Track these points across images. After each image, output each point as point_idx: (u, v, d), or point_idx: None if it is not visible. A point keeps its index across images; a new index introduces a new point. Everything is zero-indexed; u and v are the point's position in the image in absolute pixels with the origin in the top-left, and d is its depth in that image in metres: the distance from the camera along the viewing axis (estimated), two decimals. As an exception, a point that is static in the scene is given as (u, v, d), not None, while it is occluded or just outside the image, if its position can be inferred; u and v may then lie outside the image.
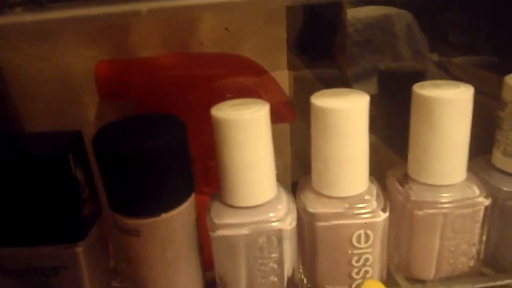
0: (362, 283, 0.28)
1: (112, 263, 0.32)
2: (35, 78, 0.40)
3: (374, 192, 0.28)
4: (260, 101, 0.27)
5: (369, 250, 0.28)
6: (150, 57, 0.40)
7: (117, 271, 0.32)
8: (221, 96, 0.37)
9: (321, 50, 0.45)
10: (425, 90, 0.27)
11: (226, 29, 0.41)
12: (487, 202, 0.28)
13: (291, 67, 0.44)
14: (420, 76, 0.38)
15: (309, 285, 0.31)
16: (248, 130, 0.26)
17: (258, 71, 0.39)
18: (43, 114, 0.41)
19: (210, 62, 0.40)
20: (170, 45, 0.41)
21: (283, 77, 0.43)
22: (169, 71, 0.39)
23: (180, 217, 0.28)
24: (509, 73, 0.29)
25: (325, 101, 0.26)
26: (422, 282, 0.30)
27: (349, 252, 0.28)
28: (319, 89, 0.28)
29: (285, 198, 0.29)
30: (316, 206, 0.28)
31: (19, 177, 0.26)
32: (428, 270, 0.29)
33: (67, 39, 0.39)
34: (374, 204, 0.28)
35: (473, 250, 0.29)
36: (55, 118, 0.41)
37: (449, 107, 0.26)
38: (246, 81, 0.39)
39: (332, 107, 0.26)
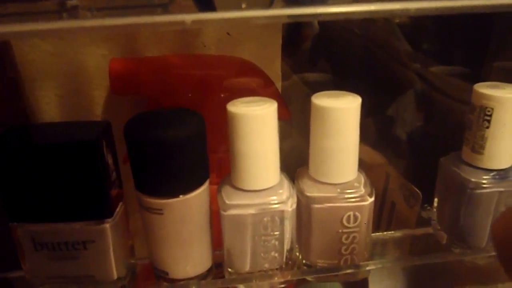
0: None
1: (131, 241, 0.36)
2: (48, 73, 0.43)
3: (362, 180, 0.33)
4: (268, 99, 0.32)
5: (357, 229, 0.33)
6: (160, 56, 0.44)
7: (133, 249, 0.36)
8: (226, 95, 0.41)
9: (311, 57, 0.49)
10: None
11: (228, 33, 0.45)
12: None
13: (284, 70, 0.48)
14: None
15: (304, 261, 0.35)
16: (258, 124, 0.30)
17: (257, 73, 0.44)
18: (55, 107, 0.44)
19: (214, 63, 0.44)
20: (176, 46, 0.44)
21: (276, 78, 0.47)
22: (178, 70, 0.43)
23: (196, 199, 0.32)
24: (478, 81, 0.34)
25: (324, 101, 0.31)
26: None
27: (340, 231, 0.33)
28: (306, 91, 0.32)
29: (286, 184, 0.33)
30: (312, 191, 0.33)
31: (58, 160, 0.30)
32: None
33: (80, 37, 0.42)
34: (362, 190, 0.33)
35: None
36: (67, 110, 0.44)
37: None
38: (247, 81, 0.44)
39: (330, 106, 0.30)
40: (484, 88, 0.33)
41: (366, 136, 0.42)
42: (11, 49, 0.40)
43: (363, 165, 0.34)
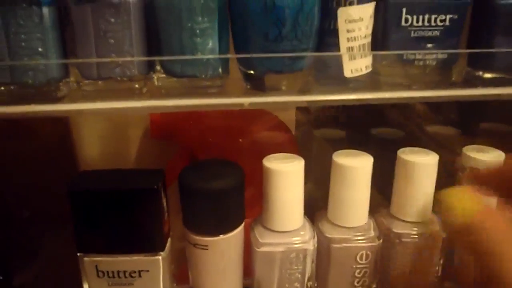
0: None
1: (173, 270, 0.42)
2: (92, 118, 0.50)
3: (372, 225, 0.40)
4: (297, 157, 0.38)
5: (367, 265, 0.39)
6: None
7: (174, 276, 0.42)
8: (250, 144, 0.48)
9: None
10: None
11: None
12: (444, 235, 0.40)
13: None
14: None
15: (321, 291, 0.42)
16: (288, 178, 0.37)
17: (280, 126, 0.51)
18: (97, 144, 0.51)
19: (240, 116, 0.51)
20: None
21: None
22: (209, 121, 0.50)
23: (234, 238, 0.38)
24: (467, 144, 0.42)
25: (343, 159, 0.38)
26: None
27: (354, 266, 0.39)
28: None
29: (308, 226, 0.40)
30: (332, 233, 0.39)
31: (123, 203, 0.36)
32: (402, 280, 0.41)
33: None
34: (372, 233, 0.39)
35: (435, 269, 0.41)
36: (107, 156, 0.51)
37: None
38: (270, 134, 0.50)
39: (349, 165, 0.37)
40: (472, 152, 0.40)
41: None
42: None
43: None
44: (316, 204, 0.43)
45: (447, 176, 0.42)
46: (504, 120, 0.49)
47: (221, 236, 0.37)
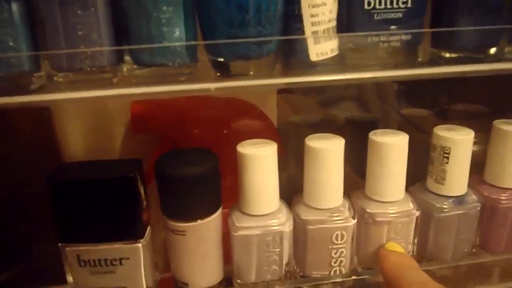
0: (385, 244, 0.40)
1: (155, 259, 0.43)
2: (75, 112, 0.51)
3: (347, 205, 0.41)
4: (270, 142, 0.39)
5: (344, 245, 0.40)
6: (174, 99, 0.51)
7: (157, 265, 0.43)
8: (231, 133, 0.49)
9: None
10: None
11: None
12: (417, 213, 0.41)
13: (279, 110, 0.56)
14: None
15: (300, 273, 0.42)
16: (262, 162, 0.38)
17: (259, 115, 0.52)
18: (80, 140, 0.52)
19: (220, 106, 0.52)
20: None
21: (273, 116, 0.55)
22: (189, 112, 0.51)
23: (212, 223, 0.39)
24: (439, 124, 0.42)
25: (315, 142, 0.39)
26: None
27: (330, 247, 0.40)
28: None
29: (284, 209, 0.41)
30: (307, 215, 0.40)
31: (102, 192, 0.37)
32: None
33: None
34: (347, 213, 0.40)
35: (409, 247, 0.42)
36: (90, 144, 0.52)
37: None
38: (250, 123, 0.51)
39: (321, 147, 0.38)
40: (442, 131, 0.41)
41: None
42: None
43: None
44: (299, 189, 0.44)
45: (421, 157, 0.43)
46: (475, 100, 0.51)
47: (199, 221, 0.38)
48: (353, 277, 0.42)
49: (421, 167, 0.44)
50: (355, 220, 0.40)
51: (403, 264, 0.38)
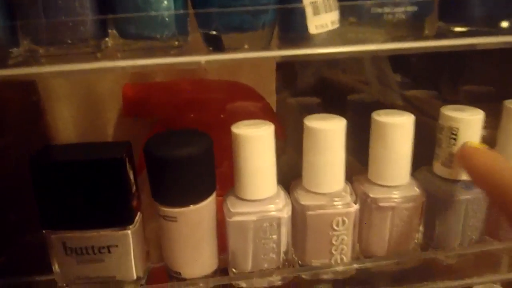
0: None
1: (146, 247, 0.41)
2: (66, 96, 0.49)
3: (348, 190, 0.39)
4: (267, 122, 0.37)
5: (345, 232, 0.38)
6: (168, 82, 0.49)
7: (149, 254, 0.41)
8: (228, 117, 0.47)
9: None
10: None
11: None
12: (423, 198, 0.39)
13: (278, 93, 0.53)
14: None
15: (299, 261, 0.40)
16: (258, 144, 0.36)
17: (257, 97, 0.49)
18: (71, 126, 0.50)
19: (216, 88, 0.50)
20: (180, 70, 0.49)
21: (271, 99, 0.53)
22: (184, 95, 0.49)
23: (205, 208, 0.37)
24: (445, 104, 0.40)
25: (315, 123, 0.36)
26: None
27: (330, 233, 0.38)
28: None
29: (282, 194, 0.39)
30: (306, 200, 0.38)
31: (88, 176, 0.35)
32: (382, 247, 0.40)
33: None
34: (348, 198, 0.38)
35: (414, 235, 0.40)
36: (81, 129, 0.50)
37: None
38: (247, 105, 0.49)
39: (320, 128, 0.36)
40: (450, 111, 0.38)
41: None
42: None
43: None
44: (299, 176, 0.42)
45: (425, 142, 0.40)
46: (483, 82, 0.48)
47: (191, 206, 0.36)
48: (355, 266, 0.39)
49: (425, 154, 0.41)
50: (357, 205, 0.38)
51: (497, 157, 0.35)
